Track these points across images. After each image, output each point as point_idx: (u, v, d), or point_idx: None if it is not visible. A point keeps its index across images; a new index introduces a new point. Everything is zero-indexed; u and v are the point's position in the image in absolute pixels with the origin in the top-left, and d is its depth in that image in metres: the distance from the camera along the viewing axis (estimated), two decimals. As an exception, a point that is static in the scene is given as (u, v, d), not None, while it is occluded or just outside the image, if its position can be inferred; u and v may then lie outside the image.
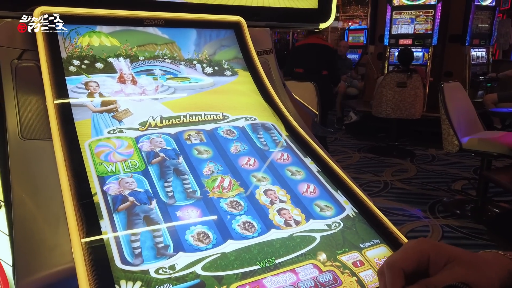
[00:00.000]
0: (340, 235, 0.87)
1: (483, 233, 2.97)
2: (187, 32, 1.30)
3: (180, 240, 0.78)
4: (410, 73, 4.71)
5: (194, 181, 0.93)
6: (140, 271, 0.71)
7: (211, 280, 0.72)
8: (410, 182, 4.09)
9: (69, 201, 0.77)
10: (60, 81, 1.03)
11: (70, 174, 0.83)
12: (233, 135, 1.11)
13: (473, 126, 3.49)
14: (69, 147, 0.89)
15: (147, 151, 0.97)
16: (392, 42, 5.78)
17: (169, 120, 1.09)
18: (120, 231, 0.76)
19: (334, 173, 1.04)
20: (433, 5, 5.39)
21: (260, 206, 0.90)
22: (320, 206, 0.94)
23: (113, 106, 1.06)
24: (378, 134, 5.79)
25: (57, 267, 0.74)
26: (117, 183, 0.86)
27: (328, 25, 1.54)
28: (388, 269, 0.47)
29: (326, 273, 0.77)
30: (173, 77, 1.21)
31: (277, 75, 1.45)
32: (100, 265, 0.69)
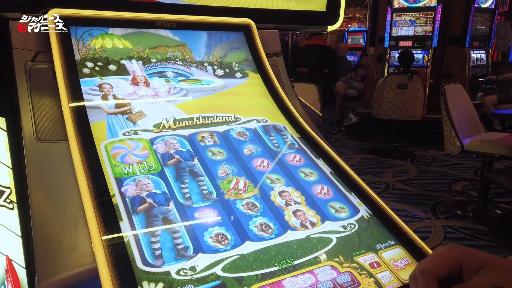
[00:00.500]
0: (356, 236, 0.88)
1: (485, 234, 2.98)
2: (198, 35, 1.30)
3: (199, 242, 0.79)
4: (411, 75, 4.73)
5: (210, 183, 0.93)
6: (162, 272, 0.71)
7: (232, 282, 0.72)
8: (411, 183, 4.10)
9: (88, 203, 0.78)
10: (75, 83, 1.03)
11: (88, 176, 0.83)
12: (246, 137, 1.12)
13: (475, 128, 3.50)
14: (85, 149, 0.90)
15: (162, 152, 0.98)
16: (392, 44, 5.80)
17: (183, 122, 1.09)
18: (140, 232, 0.77)
19: (347, 175, 1.05)
20: (433, 7, 5.42)
21: (275, 208, 0.91)
22: (334, 207, 0.95)
23: (127, 108, 1.07)
24: (378, 135, 5.80)
25: (77, 269, 0.75)
26: (135, 184, 0.87)
27: (336, 27, 1.55)
28: (421, 274, 0.47)
29: (344, 275, 0.78)
30: (185, 79, 1.21)
31: (286, 77, 1.46)
32: (122, 266, 0.69)
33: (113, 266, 0.68)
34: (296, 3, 1.49)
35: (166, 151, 0.98)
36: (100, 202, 0.79)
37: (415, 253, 0.85)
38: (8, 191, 1.14)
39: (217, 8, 1.38)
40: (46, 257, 0.75)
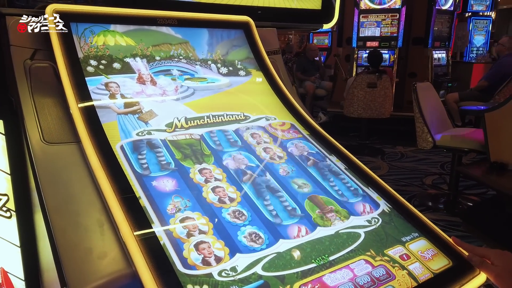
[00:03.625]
0: (382, 230, 0.89)
1: (458, 225, 3.13)
2: (199, 32, 1.28)
3: (234, 242, 0.77)
4: (380, 74, 4.88)
5: None
6: (204, 275, 0.69)
7: (274, 280, 0.71)
8: (384, 179, 4.20)
9: (117, 207, 0.74)
10: (80, 82, 0.98)
11: (110, 179, 0.79)
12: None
13: (444, 124, 3.67)
14: (102, 151, 0.85)
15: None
16: (359, 44, 5.96)
17: (194, 121, 1.07)
18: (175, 235, 0.74)
19: (362, 170, 1.07)
20: (398, 8, 5.62)
21: (304, 209, 0.90)
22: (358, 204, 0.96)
23: (136, 108, 1.03)
24: (349, 134, 5.95)
25: (111, 276, 0.71)
26: (159, 186, 0.83)
27: (331, 25, 1.57)
28: None
29: (378, 268, 0.79)
30: (191, 77, 1.18)
31: (285, 75, 1.46)
32: (164, 271, 0.66)
33: (155, 270, 0.65)
34: (292, 1, 1.50)
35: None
36: (128, 204, 0.75)
37: (439, 243, 0.88)
38: (5, 198, 1.07)
39: (216, 6, 1.36)
40: (75, 265, 0.71)
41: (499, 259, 0.76)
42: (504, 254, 0.78)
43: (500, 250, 0.78)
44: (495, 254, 0.78)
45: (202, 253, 0.72)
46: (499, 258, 0.76)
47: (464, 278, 0.79)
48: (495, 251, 0.79)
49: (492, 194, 3.59)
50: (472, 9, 8.63)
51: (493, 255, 0.78)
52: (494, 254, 0.78)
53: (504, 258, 0.77)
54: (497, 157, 2.84)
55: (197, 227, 0.77)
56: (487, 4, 8.77)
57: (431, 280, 0.78)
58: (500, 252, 0.78)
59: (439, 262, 0.83)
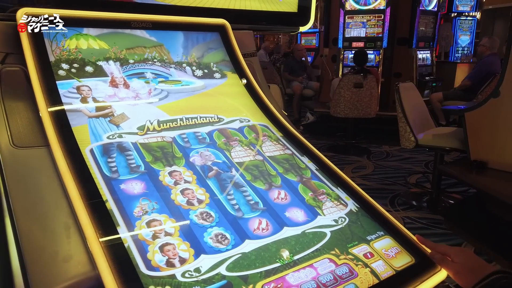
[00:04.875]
0: (348, 229, 0.91)
1: (439, 223, 3.18)
2: (174, 35, 1.29)
3: (200, 243, 0.78)
4: (365, 74, 4.94)
5: None
6: (167, 276, 0.70)
7: (237, 280, 0.73)
8: (370, 178, 4.28)
9: (82, 211, 0.75)
10: (51, 86, 0.98)
11: (77, 182, 0.80)
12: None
13: (426, 123, 3.73)
14: (71, 154, 0.86)
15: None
16: (345, 44, 6.01)
17: (167, 124, 1.08)
18: (140, 237, 0.75)
19: (332, 171, 1.09)
20: (382, 9, 5.69)
21: (271, 207, 0.92)
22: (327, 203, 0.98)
23: (108, 111, 1.03)
24: (336, 133, 6.00)
25: (75, 279, 0.71)
26: (127, 189, 0.84)
27: (307, 28, 1.59)
28: None
29: (342, 266, 0.81)
30: (165, 80, 1.19)
31: (262, 77, 1.48)
32: (126, 273, 0.67)
33: (117, 273, 0.66)
34: (268, 4, 1.52)
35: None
36: (94, 208, 0.76)
37: (403, 241, 0.90)
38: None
39: (191, 8, 1.37)
40: (39, 269, 0.71)
41: (459, 256, 0.79)
42: (464, 252, 0.80)
43: (461, 247, 0.81)
44: (456, 251, 0.80)
45: (166, 255, 0.73)
46: (459, 256, 0.79)
47: (425, 274, 0.82)
48: (456, 248, 0.81)
49: (474, 192, 3.65)
50: (457, 9, 8.76)
51: (453, 253, 0.80)
52: (455, 252, 0.80)
53: (463, 255, 0.80)
54: (477, 155, 2.90)
55: (163, 229, 0.78)
56: (471, 4, 8.92)
57: (393, 277, 0.81)
58: (460, 250, 0.81)
59: (402, 259, 0.86)
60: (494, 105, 2.80)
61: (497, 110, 2.78)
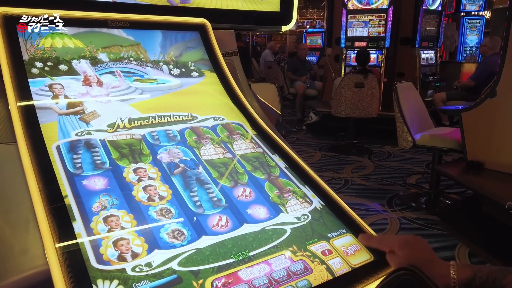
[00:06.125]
0: (309, 226, 0.92)
1: (436, 224, 3.16)
2: (152, 34, 1.30)
3: (155, 238, 0.79)
4: (366, 74, 4.91)
5: None
6: (117, 270, 0.71)
7: (188, 275, 0.74)
8: (369, 178, 4.27)
9: (39, 205, 0.76)
10: (23, 84, 1.00)
11: (38, 178, 0.82)
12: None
13: (425, 124, 3.70)
14: (36, 151, 0.88)
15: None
16: (348, 44, 6.00)
17: (138, 122, 1.09)
18: (95, 232, 0.76)
19: (301, 169, 1.09)
20: (385, 9, 5.66)
21: (233, 204, 0.93)
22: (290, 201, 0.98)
23: (79, 108, 1.05)
24: (337, 133, 5.98)
25: (28, 271, 0.73)
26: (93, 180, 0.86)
27: (289, 27, 1.60)
28: None
29: (297, 263, 0.81)
30: (140, 78, 1.21)
31: (242, 76, 1.49)
32: (75, 266, 0.69)
33: (66, 266, 0.68)
34: (250, 4, 1.52)
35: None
36: (51, 203, 0.78)
37: (364, 239, 0.90)
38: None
39: (171, 8, 1.38)
40: (-5, 262, 0.73)
41: (402, 249, 0.77)
42: (407, 243, 0.79)
43: (406, 237, 0.80)
44: (400, 243, 0.79)
45: (119, 249, 0.75)
46: (402, 248, 0.77)
47: (381, 271, 0.82)
48: (400, 239, 0.80)
49: (472, 193, 3.62)
50: (465, 8, 8.67)
51: (397, 245, 0.79)
52: (399, 244, 0.79)
53: (407, 247, 0.78)
54: (474, 156, 2.87)
55: (120, 224, 0.80)
56: (480, 3, 8.81)
57: (348, 274, 0.81)
58: (404, 241, 0.79)
59: (360, 257, 0.86)
60: (491, 105, 2.77)
61: (494, 110, 2.75)
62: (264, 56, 9.04)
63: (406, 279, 0.65)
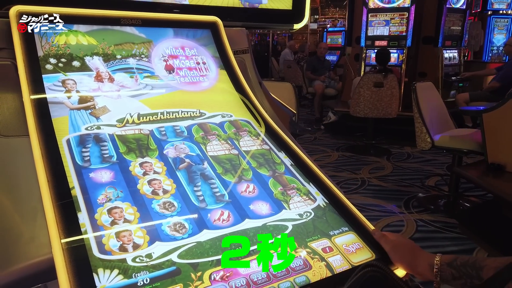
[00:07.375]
0: (311, 223, 0.92)
1: (454, 227, 3.08)
2: (164, 32, 1.32)
3: (157, 231, 0.81)
4: (386, 73, 4.84)
5: None
6: (117, 260, 0.73)
7: (187, 267, 0.75)
8: (386, 179, 4.20)
9: (47, 195, 0.79)
10: (37, 79, 1.04)
11: (47, 169, 0.85)
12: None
13: (445, 124, 3.62)
14: (46, 143, 0.91)
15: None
16: (368, 43, 5.91)
17: (147, 117, 1.11)
18: (99, 223, 0.79)
19: (307, 166, 1.09)
20: (407, 7, 5.55)
21: (236, 199, 0.94)
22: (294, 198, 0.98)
23: (90, 104, 1.08)
24: (355, 133, 5.91)
25: (34, 259, 0.76)
26: (95, 177, 0.88)
27: (301, 25, 1.59)
28: None
29: (297, 259, 0.81)
30: (150, 75, 1.23)
31: (253, 74, 1.49)
32: (78, 255, 0.71)
33: (68, 255, 0.70)
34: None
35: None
36: (58, 194, 0.80)
37: (366, 238, 0.90)
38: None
39: (184, 6, 1.40)
40: (4, 249, 0.77)
41: (395, 236, 0.85)
42: (401, 236, 0.89)
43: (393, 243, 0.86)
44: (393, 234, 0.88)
45: (121, 240, 0.77)
46: (395, 235, 0.85)
47: (382, 271, 0.81)
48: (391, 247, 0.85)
49: (492, 196, 3.51)
50: (492, 7, 8.41)
51: (391, 234, 0.88)
52: (392, 234, 0.88)
53: (399, 236, 0.87)
54: (495, 158, 2.79)
55: (123, 216, 0.82)
56: (508, 2, 8.53)
57: (347, 271, 0.81)
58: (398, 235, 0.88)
59: (361, 255, 0.85)
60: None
61: (517, 111, 2.66)
62: (283, 55, 9.02)
63: (373, 275, 0.68)
